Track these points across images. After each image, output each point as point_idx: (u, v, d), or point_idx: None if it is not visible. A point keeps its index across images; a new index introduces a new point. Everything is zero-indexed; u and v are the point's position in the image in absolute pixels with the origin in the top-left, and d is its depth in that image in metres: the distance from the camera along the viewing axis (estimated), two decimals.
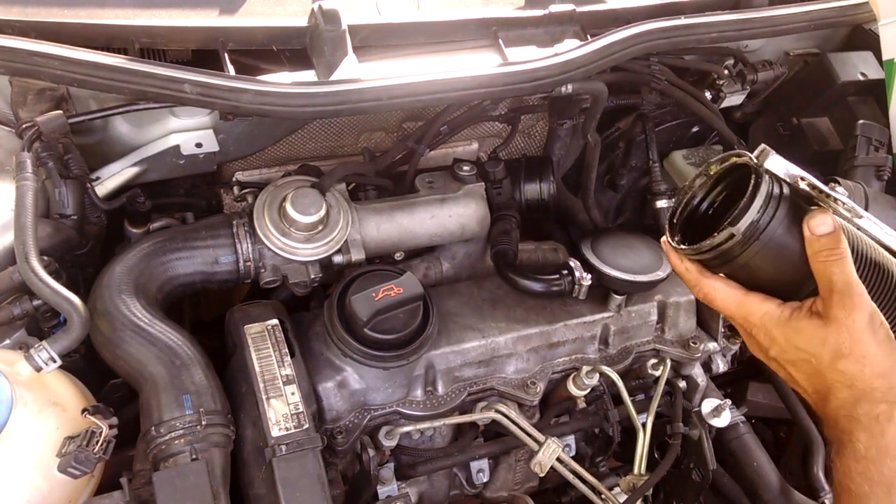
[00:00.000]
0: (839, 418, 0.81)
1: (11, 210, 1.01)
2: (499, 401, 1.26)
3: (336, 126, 1.48)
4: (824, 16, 1.48)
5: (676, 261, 0.92)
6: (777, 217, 0.81)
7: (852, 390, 0.80)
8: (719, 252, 0.83)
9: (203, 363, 1.06)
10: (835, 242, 0.80)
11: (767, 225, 0.81)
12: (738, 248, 0.82)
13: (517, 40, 1.34)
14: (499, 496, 1.38)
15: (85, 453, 0.90)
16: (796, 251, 0.82)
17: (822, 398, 0.83)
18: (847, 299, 0.79)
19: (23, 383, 0.93)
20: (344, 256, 1.25)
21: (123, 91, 1.07)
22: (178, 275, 1.18)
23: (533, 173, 1.48)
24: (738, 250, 0.82)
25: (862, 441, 0.78)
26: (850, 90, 1.59)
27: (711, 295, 0.89)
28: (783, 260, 0.84)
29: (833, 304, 0.80)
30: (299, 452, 1.00)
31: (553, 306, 1.33)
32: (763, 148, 0.83)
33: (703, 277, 0.89)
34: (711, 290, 0.89)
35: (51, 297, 0.95)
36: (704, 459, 1.33)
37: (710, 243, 0.83)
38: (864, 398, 0.79)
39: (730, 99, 1.61)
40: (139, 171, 1.28)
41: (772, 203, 0.81)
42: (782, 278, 0.85)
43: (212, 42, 1.19)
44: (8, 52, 1.03)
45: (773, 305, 0.85)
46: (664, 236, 0.93)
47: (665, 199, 1.59)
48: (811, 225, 0.81)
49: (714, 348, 1.41)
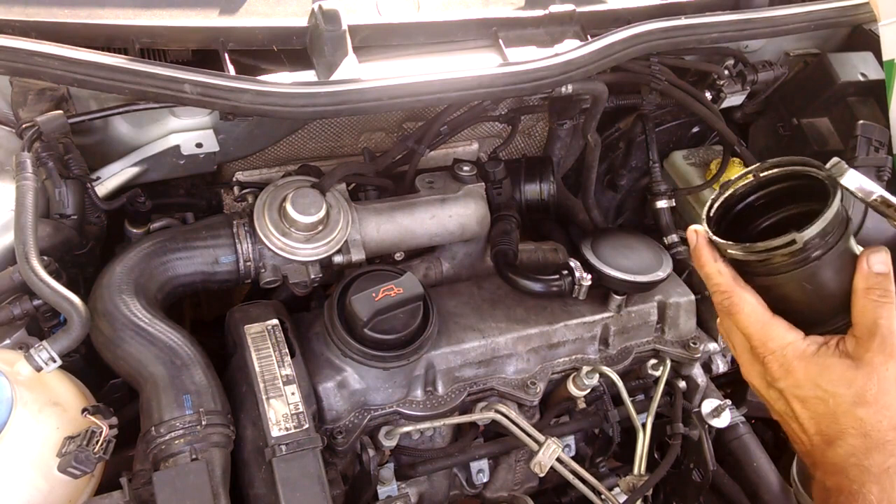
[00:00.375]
0: (848, 466, 0.77)
1: (11, 210, 1.01)
2: (499, 401, 1.26)
3: (336, 126, 1.48)
4: (824, 16, 1.48)
5: (709, 259, 0.84)
6: (843, 238, 0.76)
7: (866, 440, 0.76)
8: (771, 258, 0.78)
9: (203, 363, 1.06)
10: (888, 283, 0.76)
11: (830, 244, 0.76)
12: (788, 259, 0.77)
13: (517, 40, 1.34)
14: (499, 496, 1.38)
15: (85, 453, 0.90)
16: (841, 281, 0.78)
17: (827, 442, 0.79)
18: (888, 347, 0.75)
19: (23, 383, 0.93)
20: (344, 256, 1.25)
21: (124, 91, 1.07)
22: (178, 275, 1.18)
23: (533, 173, 1.48)
24: (787, 261, 0.77)
25: (874, 493, 0.75)
26: (850, 90, 1.59)
27: (738, 306, 0.82)
28: (825, 286, 0.79)
29: (871, 347, 0.76)
30: (299, 452, 1.00)
31: (553, 306, 1.33)
32: (838, 161, 0.79)
33: (737, 285, 0.82)
34: (741, 300, 0.82)
35: (51, 296, 0.95)
36: (704, 460, 1.33)
37: (765, 245, 0.77)
38: (876, 449, 0.76)
39: (730, 99, 1.61)
40: (139, 171, 1.28)
41: (840, 223, 0.77)
42: (815, 305, 0.81)
43: (212, 42, 1.19)
44: (8, 52, 1.03)
45: (798, 336, 0.80)
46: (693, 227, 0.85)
47: (665, 199, 1.59)
48: (870, 259, 0.76)
49: (714, 349, 1.42)
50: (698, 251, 0.85)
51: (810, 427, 0.81)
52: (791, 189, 0.84)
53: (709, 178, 1.67)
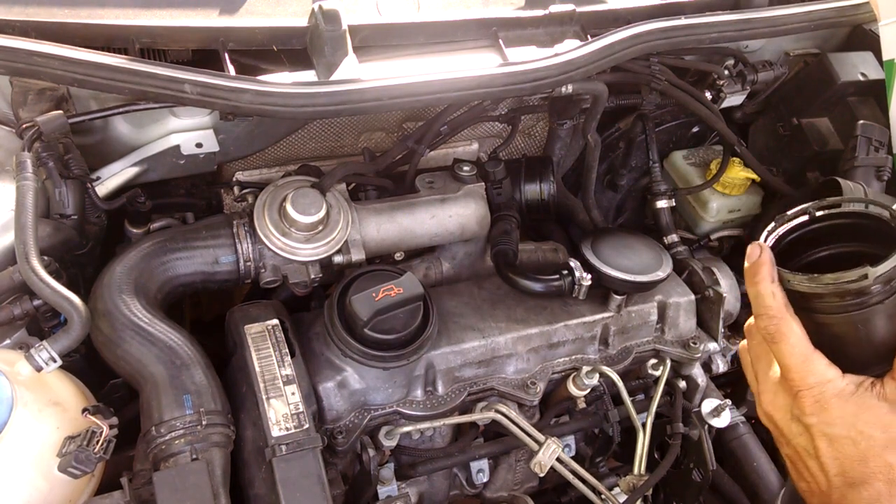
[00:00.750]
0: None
1: (11, 210, 1.01)
2: (499, 401, 1.26)
3: (336, 126, 1.48)
4: (824, 16, 1.48)
5: (767, 278, 0.79)
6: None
7: (892, 486, 0.74)
8: (830, 293, 0.75)
9: (203, 363, 1.06)
10: None
11: (893, 290, 0.74)
12: (847, 299, 0.75)
13: (517, 40, 1.34)
14: (499, 496, 1.38)
15: (85, 453, 0.90)
16: (892, 329, 0.77)
17: (849, 484, 0.77)
18: None
19: (23, 383, 0.93)
20: (344, 256, 1.25)
21: (124, 91, 1.07)
22: (178, 275, 1.18)
23: (533, 173, 1.48)
24: (845, 301, 0.75)
25: None
26: (850, 90, 1.59)
27: (784, 335, 0.79)
28: (877, 331, 0.77)
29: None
30: (299, 452, 1.00)
31: (553, 306, 1.33)
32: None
33: (788, 312, 0.79)
34: (789, 329, 0.78)
35: (51, 296, 0.95)
36: (704, 459, 1.33)
37: (834, 277, 0.74)
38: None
39: (730, 99, 1.61)
40: (139, 171, 1.28)
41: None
42: (862, 349, 0.79)
43: (212, 42, 1.19)
44: (8, 52, 1.03)
45: (837, 374, 0.78)
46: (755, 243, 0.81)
47: (665, 199, 1.59)
48: None
49: (714, 348, 1.42)
50: (759, 267, 0.80)
51: (832, 468, 0.79)
52: (844, 227, 0.82)
53: (709, 178, 1.67)
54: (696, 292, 1.41)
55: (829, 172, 1.52)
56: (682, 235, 1.63)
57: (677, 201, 1.66)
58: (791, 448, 0.83)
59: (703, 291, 1.42)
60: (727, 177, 1.63)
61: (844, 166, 1.50)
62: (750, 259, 0.81)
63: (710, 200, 1.67)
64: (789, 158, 1.69)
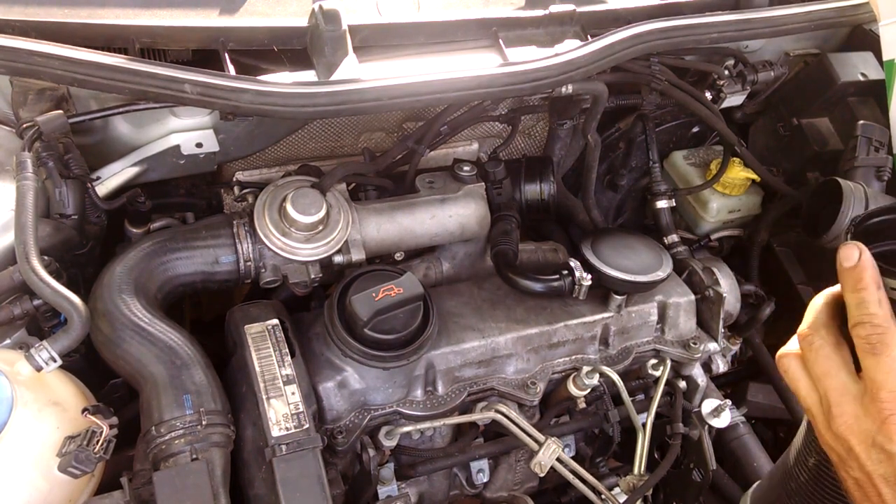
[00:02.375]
0: None
1: (11, 210, 1.01)
2: (499, 401, 1.26)
3: (336, 126, 1.48)
4: (824, 16, 1.48)
5: (873, 283, 0.71)
6: None
7: None
8: None
9: (203, 363, 1.06)
10: None
11: None
12: None
13: (517, 40, 1.34)
14: (499, 496, 1.38)
15: (85, 453, 0.90)
16: None
17: None
18: None
19: (23, 383, 0.93)
20: (344, 256, 1.25)
21: (124, 91, 1.07)
22: (178, 275, 1.18)
23: (533, 173, 1.48)
24: None
25: None
26: (850, 90, 1.59)
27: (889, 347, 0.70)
28: None
29: None
30: (299, 452, 1.00)
31: (553, 306, 1.33)
32: None
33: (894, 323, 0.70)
34: (894, 342, 0.70)
35: (51, 296, 0.95)
36: (704, 459, 1.33)
37: None
38: None
39: (730, 99, 1.61)
40: (139, 171, 1.28)
41: None
42: None
43: (212, 42, 1.19)
44: (8, 52, 1.03)
45: None
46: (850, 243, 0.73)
47: (665, 199, 1.59)
48: None
49: (714, 349, 1.41)
50: (863, 271, 0.71)
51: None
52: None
53: (709, 178, 1.67)
54: (697, 292, 1.41)
55: (829, 172, 1.52)
56: (682, 235, 1.64)
57: (677, 201, 1.66)
58: (863, 473, 0.75)
59: (704, 291, 1.42)
60: (727, 177, 1.63)
61: (844, 166, 1.50)
62: (848, 261, 0.72)
63: (710, 201, 1.67)
64: (789, 158, 1.69)
